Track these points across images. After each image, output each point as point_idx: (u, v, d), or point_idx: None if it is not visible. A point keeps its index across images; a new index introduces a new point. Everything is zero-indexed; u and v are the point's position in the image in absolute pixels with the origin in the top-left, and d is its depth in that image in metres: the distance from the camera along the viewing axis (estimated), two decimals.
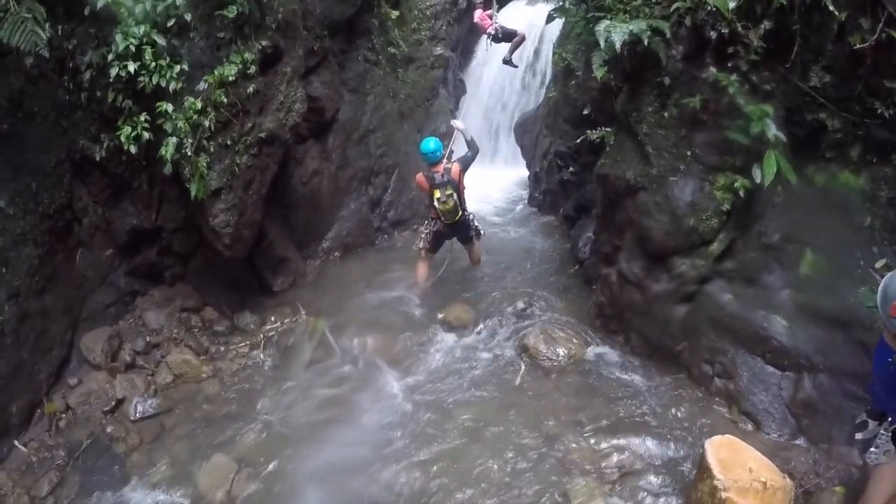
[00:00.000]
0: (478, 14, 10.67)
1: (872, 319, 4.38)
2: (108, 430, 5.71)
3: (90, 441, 5.60)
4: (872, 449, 3.72)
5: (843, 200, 4.73)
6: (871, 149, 4.57)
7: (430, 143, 7.11)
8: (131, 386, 6.11)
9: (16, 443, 5.47)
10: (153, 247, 7.06)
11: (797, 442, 4.95)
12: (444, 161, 7.19)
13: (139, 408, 5.94)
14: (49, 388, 5.93)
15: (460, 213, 7.23)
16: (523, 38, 11.06)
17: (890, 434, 3.65)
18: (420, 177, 7.24)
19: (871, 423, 3.71)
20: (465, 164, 7.29)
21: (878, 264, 4.48)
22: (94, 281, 6.65)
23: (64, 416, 5.80)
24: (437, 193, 7.01)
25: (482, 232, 7.86)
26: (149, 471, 5.36)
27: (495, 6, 10.73)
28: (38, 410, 5.76)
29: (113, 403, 5.93)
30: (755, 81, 4.85)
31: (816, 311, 4.94)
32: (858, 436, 3.76)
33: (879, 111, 4.39)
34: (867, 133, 4.56)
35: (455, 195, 7.07)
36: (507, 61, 11.12)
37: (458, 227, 7.43)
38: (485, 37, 10.92)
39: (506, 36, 10.73)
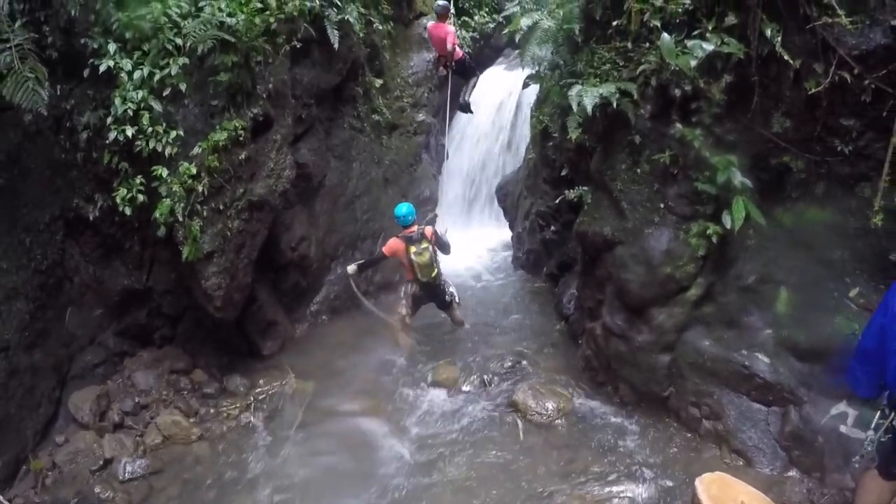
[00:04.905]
0: (450, 39, 9.78)
1: (849, 348, 4.49)
2: (96, 489, 5.57)
3: (77, 500, 5.47)
4: (855, 458, 3.72)
5: (812, 236, 4.90)
6: (834, 184, 4.76)
7: (403, 208, 7.44)
8: (120, 446, 6.02)
9: (1, 498, 5.32)
10: (143, 308, 7.08)
11: (790, 474, 5.00)
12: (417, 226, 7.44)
13: (128, 468, 5.82)
14: (35, 445, 5.84)
15: (436, 270, 7.43)
16: (478, 78, 10.93)
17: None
18: (392, 241, 7.41)
19: (851, 413, 3.67)
20: (440, 245, 7.57)
21: (852, 293, 4.62)
22: (83, 339, 6.65)
23: (50, 473, 5.69)
24: (413, 248, 7.22)
25: (458, 301, 8.00)
26: None
27: (452, 17, 10.07)
28: (24, 467, 5.66)
29: (101, 463, 5.82)
30: (718, 133, 5.06)
31: (796, 346, 5.07)
32: (843, 429, 3.73)
33: (839, 148, 4.60)
34: (829, 170, 4.75)
35: (431, 249, 7.30)
36: (465, 105, 10.83)
37: (434, 291, 7.63)
38: (442, 66, 10.32)
39: (470, 70, 10.50)
